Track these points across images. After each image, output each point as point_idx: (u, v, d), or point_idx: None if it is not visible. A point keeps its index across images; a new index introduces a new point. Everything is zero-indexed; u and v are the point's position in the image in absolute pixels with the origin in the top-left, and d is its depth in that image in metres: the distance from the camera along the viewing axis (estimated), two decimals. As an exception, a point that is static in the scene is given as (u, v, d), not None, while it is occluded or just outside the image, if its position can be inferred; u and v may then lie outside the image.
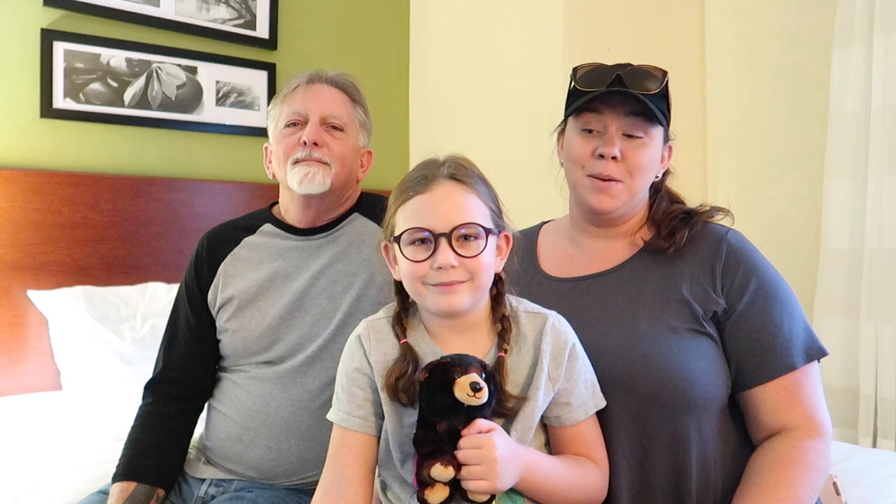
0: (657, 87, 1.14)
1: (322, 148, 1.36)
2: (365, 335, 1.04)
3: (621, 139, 1.15)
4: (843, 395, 2.16)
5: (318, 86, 1.41)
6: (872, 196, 2.11)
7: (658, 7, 2.63)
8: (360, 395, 1.02)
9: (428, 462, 0.93)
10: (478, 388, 0.92)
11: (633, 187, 1.16)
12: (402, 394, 0.98)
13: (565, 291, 1.21)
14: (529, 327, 1.04)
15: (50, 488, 1.48)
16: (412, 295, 1.01)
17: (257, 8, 2.65)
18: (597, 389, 1.06)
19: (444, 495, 0.93)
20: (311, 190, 1.35)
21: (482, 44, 2.71)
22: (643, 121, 1.15)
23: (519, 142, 2.52)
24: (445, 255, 0.95)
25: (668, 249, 1.16)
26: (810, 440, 1.08)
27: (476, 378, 0.93)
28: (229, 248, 1.43)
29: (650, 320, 1.12)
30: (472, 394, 0.92)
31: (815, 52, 2.39)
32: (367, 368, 1.02)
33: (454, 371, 0.94)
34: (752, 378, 1.11)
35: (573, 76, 1.20)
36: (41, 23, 2.25)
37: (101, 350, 2.00)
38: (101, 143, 2.36)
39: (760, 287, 1.13)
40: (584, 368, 1.05)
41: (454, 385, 0.93)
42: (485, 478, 0.91)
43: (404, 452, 1.01)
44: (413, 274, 0.98)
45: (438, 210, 0.97)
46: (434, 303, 0.97)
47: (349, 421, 1.02)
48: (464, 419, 0.94)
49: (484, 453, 0.91)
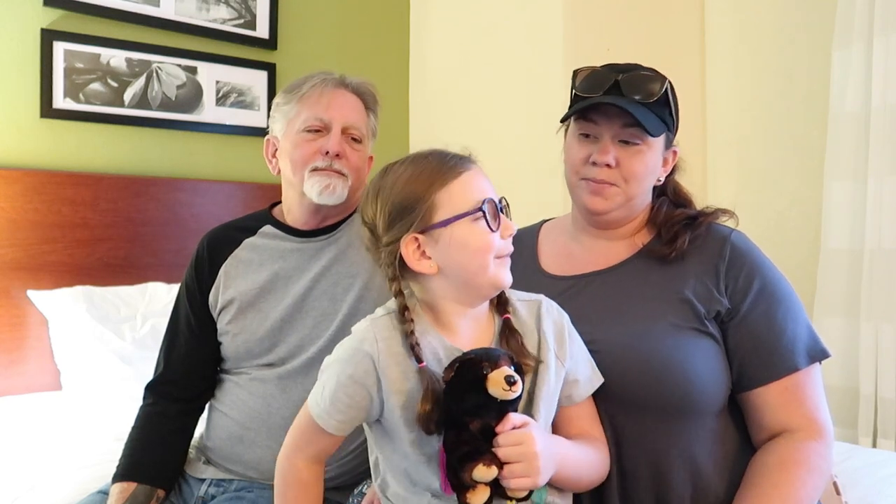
0: (656, 94, 1.13)
1: (342, 159, 1.36)
2: (371, 342, 0.98)
3: (617, 146, 1.14)
4: (843, 395, 2.16)
5: (342, 93, 1.40)
6: (872, 196, 2.11)
7: (658, 7, 2.63)
8: (345, 402, 0.99)
9: (468, 464, 0.89)
10: (513, 381, 0.89)
11: (628, 192, 1.16)
12: (432, 425, 0.93)
13: (565, 289, 1.20)
14: (527, 313, 1.04)
15: (50, 488, 1.48)
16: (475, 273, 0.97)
17: (257, 8, 2.65)
18: (594, 365, 1.08)
19: (487, 495, 0.90)
20: (331, 201, 1.35)
21: (482, 44, 2.71)
22: (639, 131, 1.13)
23: (519, 141, 2.52)
24: (509, 223, 0.99)
25: (669, 255, 1.15)
26: (812, 442, 1.08)
27: (509, 371, 0.90)
28: (230, 250, 1.43)
29: (651, 318, 1.12)
30: (507, 388, 0.88)
31: (815, 52, 2.38)
32: (368, 380, 0.97)
33: (483, 366, 0.90)
34: (755, 379, 1.11)
35: (573, 80, 1.19)
36: (41, 23, 2.25)
37: (101, 350, 2.00)
38: (101, 143, 2.36)
39: (764, 288, 1.13)
40: (580, 343, 1.07)
41: (487, 381, 0.90)
42: (527, 474, 0.89)
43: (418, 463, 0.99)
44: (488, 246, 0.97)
45: (487, 185, 1.00)
46: (497, 278, 0.98)
47: (327, 421, 1.01)
48: (496, 415, 0.91)
49: (524, 450, 0.89)
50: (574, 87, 1.19)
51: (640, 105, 1.12)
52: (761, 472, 1.07)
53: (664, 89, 1.14)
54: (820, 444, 1.08)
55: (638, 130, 1.13)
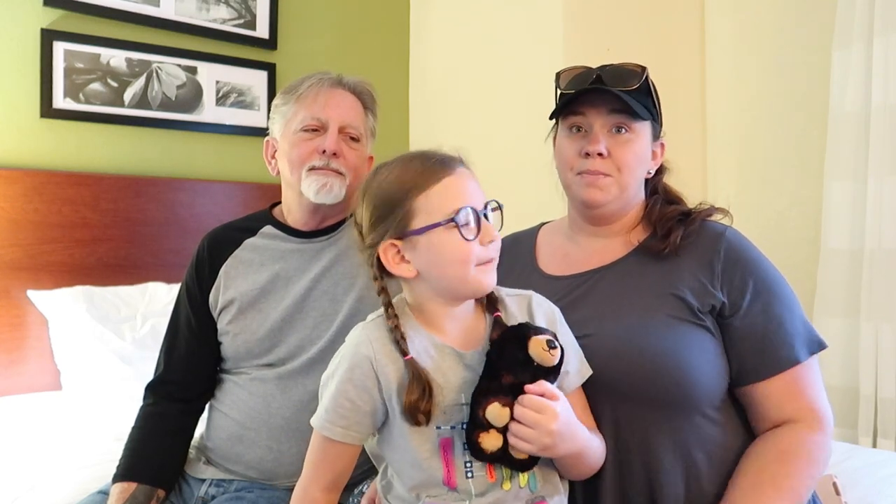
0: (637, 83, 1.17)
1: (339, 158, 1.36)
2: (367, 346, 0.99)
3: (606, 136, 1.17)
4: (843, 395, 2.16)
5: (339, 92, 1.40)
6: (872, 196, 2.11)
7: (658, 7, 2.63)
8: (347, 407, 0.99)
9: (485, 400, 0.92)
10: (553, 345, 0.92)
11: (622, 182, 1.18)
12: (420, 415, 0.95)
13: (563, 288, 1.21)
14: (517, 308, 1.05)
15: (50, 488, 1.48)
16: (454, 280, 0.97)
17: (257, 8, 2.65)
18: (583, 358, 1.08)
19: (498, 444, 0.92)
20: (328, 200, 1.36)
21: (482, 44, 2.71)
22: (626, 117, 1.17)
23: (519, 142, 2.52)
24: (489, 228, 0.98)
25: (664, 250, 1.17)
26: (813, 433, 1.09)
27: (552, 337, 0.93)
28: (230, 250, 1.43)
29: (647, 312, 1.13)
30: (546, 349, 0.92)
31: (815, 52, 2.39)
32: (369, 383, 0.98)
33: (530, 332, 0.94)
34: (756, 374, 1.12)
35: (557, 81, 1.23)
36: (41, 23, 2.25)
37: (101, 350, 2.00)
38: (101, 143, 2.36)
39: (760, 284, 1.14)
40: (571, 336, 1.07)
41: (529, 340, 0.93)
42: (531, 442, 0.91)
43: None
44: (468, 254, 0.96)
45: (470, 190, 0.98)
46: (478, 284, 0.98)
47: (331, 430, 1.00)
48: (530, 378, 0.93)
49: (541, 419, 0.91)
50: (559, 87, 1.23)
51: (623, 93, 1.16)
52: (759, 462, 1.08)
53: (645, 77, 1.18)
54: (819, 435, 1.09)
55: (625, 117, 1.17)
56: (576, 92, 1.17)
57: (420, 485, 0.99)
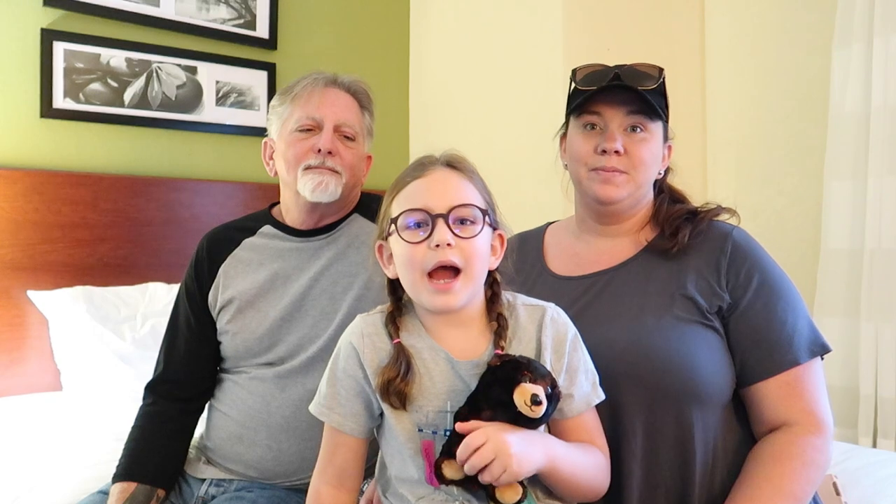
0: (654, 83, 1.17)
1: (335, 157, 1.36)
2: (358, 336, 1.02)
3: (623, 134, 1.17)
4: (843, 395, 2.16)
5: (333, 91, 1.41)
6: (872, 196, 2.11)
7: (658, 7, 2.63)
8: (343, 395, 1.01)
9: (443, 459, 0.92)
10: (537, 401, 0.90)
11: (637, 179, 1.18)
12: (393, 397, 0.95)
13: (573, 289, 1.22)
14: (529, 320, 1.03)
15: (50, 488, 1.48)
16: (409, 289, 0.99)
17: (257, 8, 2.65)
18: (597, 382, 1.05)
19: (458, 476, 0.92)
20: (324, 199, 1.36)
21: (482, 44, 2.71)
22: (643, 116, 1.17)
23: (519, 142, 2.52)
24: (443, 234, 0.94)
25: (672, 249, 1.17)
26: (810, 436, 1.08)
27: (539, 392, 0.90)
28: (229, 250, 1.43)
29: (656, 313, 1.13)
30: (529, 404, 0.90)
31: (815, 52, 2.39)
32: (357, 372, 1.00)
33: (524, 374, 0.91)
34: (756, 373, 1.12)
35: (573, 77, 1.22)
36: (41, 23, 2.25)
37: (101, 350, 2.00)
38: (101, 143, 2.36)
39: (765, 283, 1.14)
40: (584, 359, 1.04)
41: (516, 387, 0.91)
42: (504, 467, 0.87)
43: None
44: (411, 259, 0.96)
45: (435, 192, 0.97)
46: (430, 300, 0.96)
47: (329, 416, 1.02)
48: (509, 420, 0.91)
49: (493, 445, 0.88)
50: (575, 83, 1.22)
51: (642, 91, 1.16)
52: (756, 464, 1.08)
53: (662, 78, 1.18)
54: (818, 439, 1.09)
55: (642, 117, 1.17)
56: (598, 88, 1.17)
57: (407, 480, 1.00)
